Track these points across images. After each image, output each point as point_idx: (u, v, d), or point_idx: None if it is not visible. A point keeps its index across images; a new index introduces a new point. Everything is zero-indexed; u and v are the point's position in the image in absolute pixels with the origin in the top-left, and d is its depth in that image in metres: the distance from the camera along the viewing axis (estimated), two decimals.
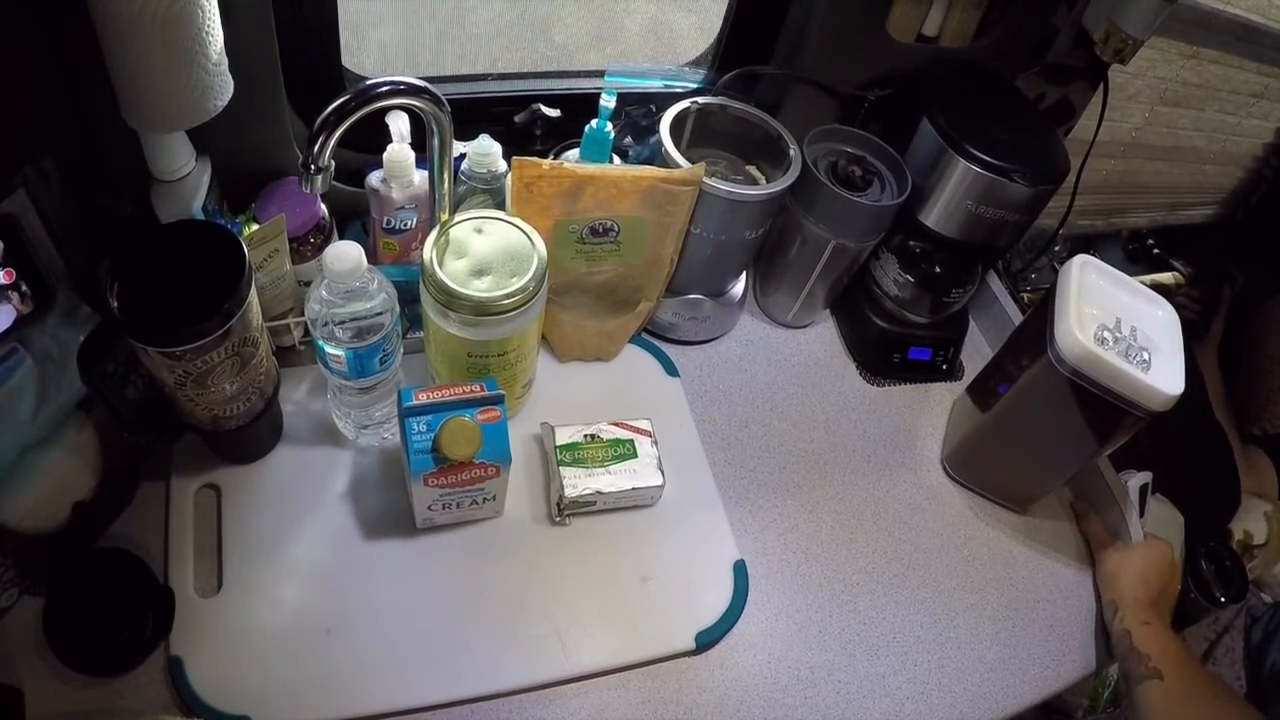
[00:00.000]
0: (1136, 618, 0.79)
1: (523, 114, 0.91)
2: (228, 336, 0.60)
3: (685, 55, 1.02)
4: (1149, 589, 0.82)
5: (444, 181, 0.69)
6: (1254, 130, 1.50)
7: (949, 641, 0.80)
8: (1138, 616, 0.79)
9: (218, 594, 0.68)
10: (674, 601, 0.75)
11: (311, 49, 0.78)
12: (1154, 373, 0.74)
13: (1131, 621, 0.79)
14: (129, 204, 0.69)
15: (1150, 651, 0.75)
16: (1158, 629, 0.78)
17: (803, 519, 0.85)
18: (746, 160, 0.93)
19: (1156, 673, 0.74)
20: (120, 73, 0.57)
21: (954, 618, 0.82)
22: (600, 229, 0.81)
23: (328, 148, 0.58)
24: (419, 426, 0.66)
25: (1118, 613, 0.81)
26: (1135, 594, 0.82)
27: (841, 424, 0.95)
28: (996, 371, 0.88)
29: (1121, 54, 0.89)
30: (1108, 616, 0.83)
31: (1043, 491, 0.90)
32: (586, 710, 0.70)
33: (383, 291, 0.68)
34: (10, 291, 0.59)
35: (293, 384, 0.80)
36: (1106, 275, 0.82)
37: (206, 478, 0.74)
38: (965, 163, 0.84)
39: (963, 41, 0.94)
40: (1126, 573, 0.84)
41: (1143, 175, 1.49)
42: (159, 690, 0.64)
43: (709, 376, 0.95)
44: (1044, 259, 1.31)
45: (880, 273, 0.98)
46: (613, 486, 0.76)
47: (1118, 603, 0.82)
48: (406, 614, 0.70)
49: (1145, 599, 0.81)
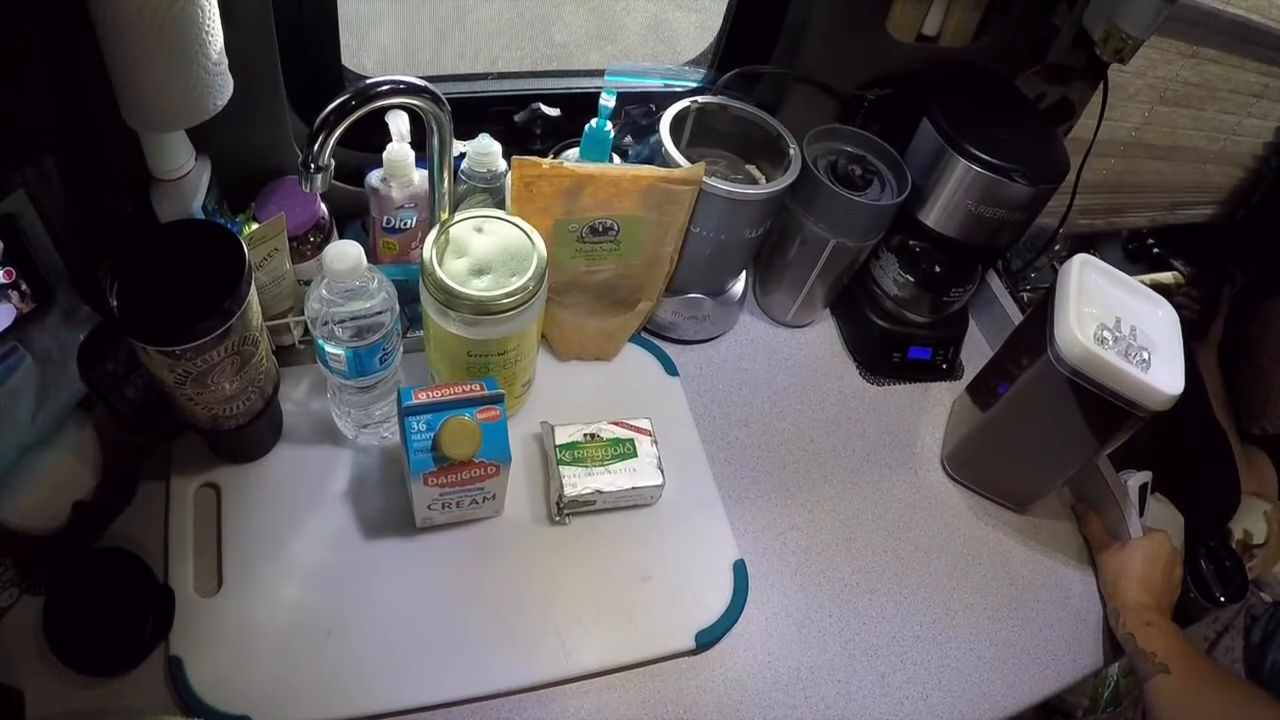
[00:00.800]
0: (1139, 620, 0.80)
1: (522, 113, 0.91)
2: (228, 336, 0.60)
3: (685, 54, 1.02)
4: (1150, 588, 0.83)
5: (444, 181, 0.69)
6: (1254, 130, 1.50)
7: (949, 641, 0.80)
8: (1140, 619, 0.80)
9: (218, 594, 0.68)
10: (674, 601, 0.75)
11: (311, 48, 0.78)
12: (1154, 372, 0.74)
13: (1134, 625, 0.80)
14: (129, 204, 0.69)
15: (1155, 649, 0.76)
16: (1160, 626, 0.79)
17: (802, 519, 0.85)
18: (746, 160, 0.93)
19: (1164, 668, 0.74)
20: (120, 73, 0.57)
21: (954, 618, 0.82)
22: (600, 228, 0.81)
23: (328, 147, 0.58)
24: (419, 426, 0.66)
25: (1120, 619, 0.82)
26: (1137, 597, 0.82)
27: (841, 424, 0.95)
28: (996, 371, 0.88)
29: (1121, 54, 0.89)
30: (1113, 623, 0.83)
31: (1043, 491, 0.90)
32: (586, 710, 0.70)
33: (383, 291, 0.68)
34: (10, 291, 0.59)
35: (293, 383, 0.80)
36: (1106, 275, 0.82)
37: (206, 477, 0.74)
38: (965, 162, 0.84)
39: (963, 41, 0.94)
40: (1126, 578, 0.84)
41: (1142, 175, 1.49)
42: (159, 690, 0.64)
43: (709, 376, 0.95)
44: (1044, 259, 1.31)
45: (880, 272, 0.98)
46: (612, 486, 0.76)
47: (1120, 610, 0.82)
48: (406, 614, 0.70)
49: (1148, 600, 0.82)
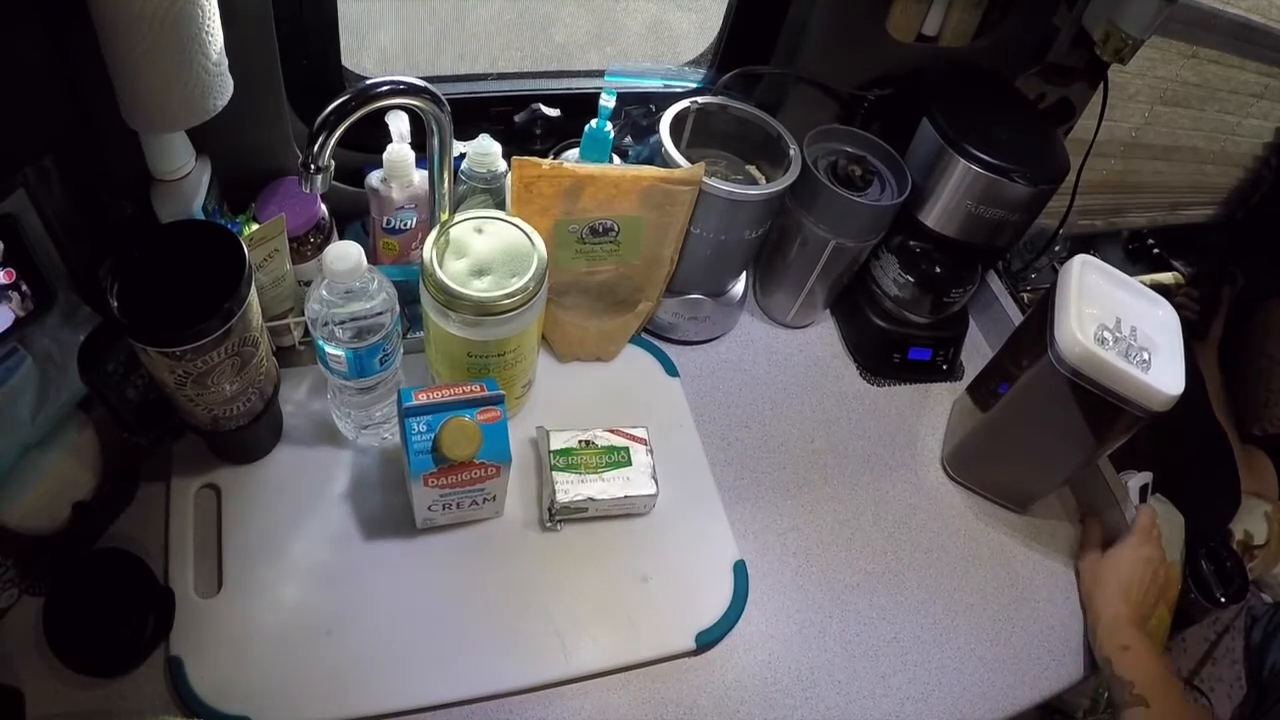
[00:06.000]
0: (1115, 642, 0.76)
1: (522, 114, 0.91)
2: (228, 336, 0.60)
3: (685, 55, 1.02)
4: (1129, 599, 0.79)
5: (444, 181, 0.69)
6: (1254, 130, 1.50)
7: (949, 641, 0.80)
8: (1116, 641, 0.76)
9: (218, 594, 0.68)
10: (674, 602, 0.75)
11: (311, 49, 0.78)
12: (1154, 373, 0.74)
13: (1110, 648, 0.76)
14: (129, 204, 0.69)
15: (1134, 678, 0.73)
16: (1138, 652, 0.75)
17: (803, 519, 0.85)
18: (746, 160, 0.93)
19: (1141, 700, 0.71)
20: (120, 73, 0.57)
21: (954, 618, 0.82)
22: (600, 229, 0.81)
23: (328, 147, 0.58)
24: (419, 426, 0.66)
25: (1096, 637, 0.78)
26: (1114, 610, 0.78)
27: (841, 424, 0.95)
28: (996, 371, 0.88)
29: (1121, 54, 0.89)
30: (1090, 640, 0.80)
31: (1043, 491, 0.90)
32: (586, 711, 0.70)
33: (383, 291, 0.68)
34: (10, 291, 0.59)
35: (293, 384, 0.80)
36: (1106, 275, 0.82)
37: (206, 478, 0.74)
38: (965, 163, 0.84)
39: (963, 41, 0.94)
40: (1102, 587, 0.81)
41: (1142, 175, 1.49)
42: (159, 690, 0.64)
43: (709, 376, 0.95)
44: (1044, 259, 1.31)
45: (880, 273, 0.98)
46: (605, 494, 0.76)
47: (1095, 625, 0.79)
48: (406, 614, 0.70)
49: (1126, 613, 0.78)
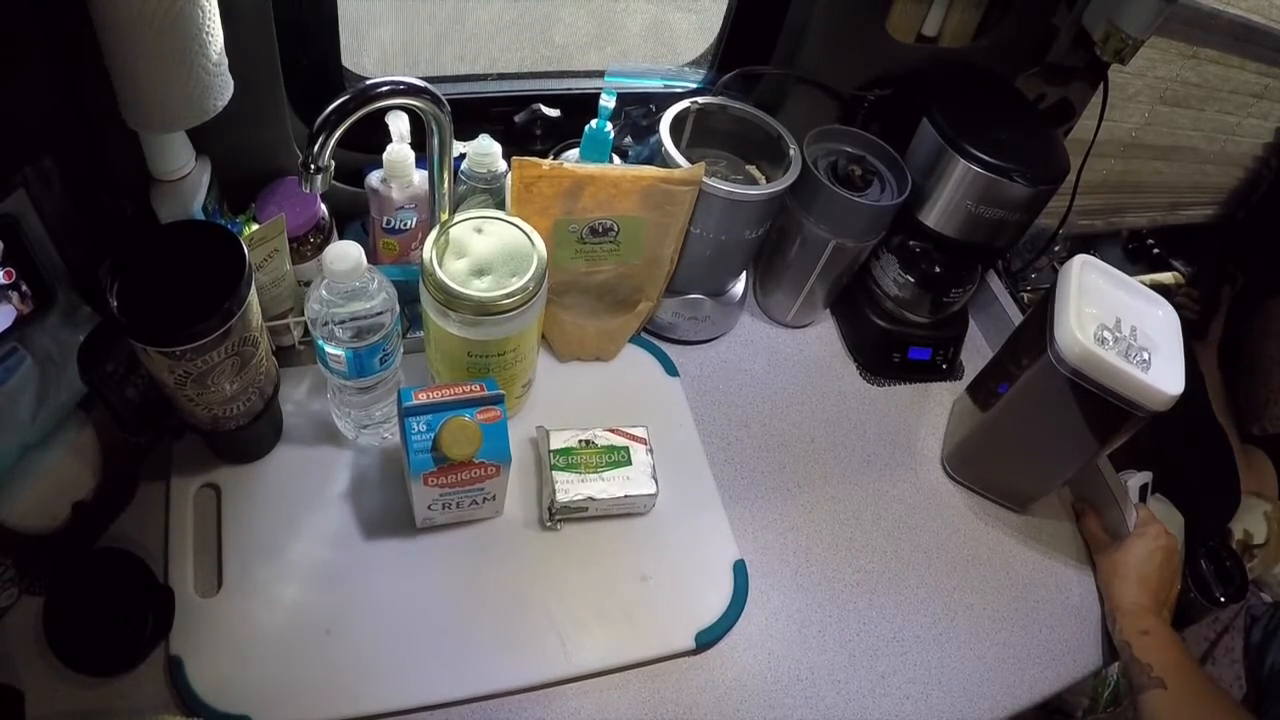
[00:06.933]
0: (1135, 627, 0.78)
1: (522, 114, 0.91)
2: (228, 336, 0.60)
3: (685, 55, 1.02)
4: (1148, 588, 0.82)
5: (444, 181, 0.69)
6: (1254, 130, 1.50)
7: (949, 641, 0.80)
8: (1136, 626, 0.78)
9: (218, 594, 0.68)
10: (674, 601, 0.75)
11: (311, 49, 0.78)
12: (1154, 373, 0.74)
13: (1130, 632, 0.78)
14: (129, 204, 0.70)
15: (1151, 661, 0.75)
16: (1157, 635, 0.77)
17: (802, 519, 0.85)
18: (746, 160, 0.93)
19: (1160, 682, 0.73)
20: (120, 73, 0.57)
21: (954, 618, 0.82)
22: (600, 229, 0.81)
23: (328, 148, 0.58)
24: (419, 426, 0.66)
25: (1116, 624, 0.80)
26: (1134, 599, 0.81)
27: (841, 424, 0.95)
28: (996, 371, 0.88)
29: (1121, 54, 0.89)
30: (1110, 627, 0.82)
31: (1043, 491, 0.90)
32: (586, 710, 0.70)
33: (383, 291, 0.68)
34: (10, 291, 0.59)
35: (293, 384, 0.80)
36: (1106, 275, 0.82)
37: (206, 478, 0.74)
38: (965, 163, 0.84)
39: (963, 41, 0.94)
40: (1121, 578, 0.83)
41: (1142, 175, 1.49)
42: (159, 690, 0.64)
43: (709, 376, 0.95)
44: (1044, 259, 1.31)
45: (880, 273, 0.98)
46: (605, 493, 0.76)
47: (1115, 612, 0.81)
48: (406, 614, 0.70)
49: (1145, 602, 0.81)
